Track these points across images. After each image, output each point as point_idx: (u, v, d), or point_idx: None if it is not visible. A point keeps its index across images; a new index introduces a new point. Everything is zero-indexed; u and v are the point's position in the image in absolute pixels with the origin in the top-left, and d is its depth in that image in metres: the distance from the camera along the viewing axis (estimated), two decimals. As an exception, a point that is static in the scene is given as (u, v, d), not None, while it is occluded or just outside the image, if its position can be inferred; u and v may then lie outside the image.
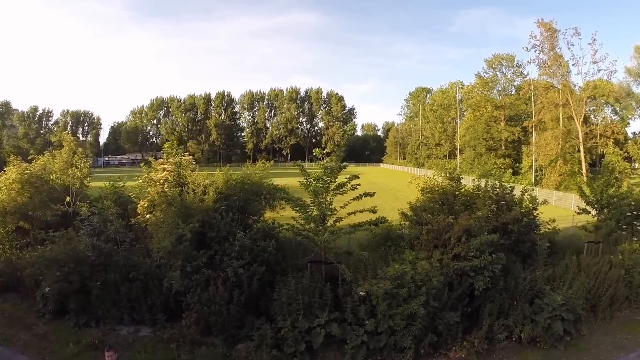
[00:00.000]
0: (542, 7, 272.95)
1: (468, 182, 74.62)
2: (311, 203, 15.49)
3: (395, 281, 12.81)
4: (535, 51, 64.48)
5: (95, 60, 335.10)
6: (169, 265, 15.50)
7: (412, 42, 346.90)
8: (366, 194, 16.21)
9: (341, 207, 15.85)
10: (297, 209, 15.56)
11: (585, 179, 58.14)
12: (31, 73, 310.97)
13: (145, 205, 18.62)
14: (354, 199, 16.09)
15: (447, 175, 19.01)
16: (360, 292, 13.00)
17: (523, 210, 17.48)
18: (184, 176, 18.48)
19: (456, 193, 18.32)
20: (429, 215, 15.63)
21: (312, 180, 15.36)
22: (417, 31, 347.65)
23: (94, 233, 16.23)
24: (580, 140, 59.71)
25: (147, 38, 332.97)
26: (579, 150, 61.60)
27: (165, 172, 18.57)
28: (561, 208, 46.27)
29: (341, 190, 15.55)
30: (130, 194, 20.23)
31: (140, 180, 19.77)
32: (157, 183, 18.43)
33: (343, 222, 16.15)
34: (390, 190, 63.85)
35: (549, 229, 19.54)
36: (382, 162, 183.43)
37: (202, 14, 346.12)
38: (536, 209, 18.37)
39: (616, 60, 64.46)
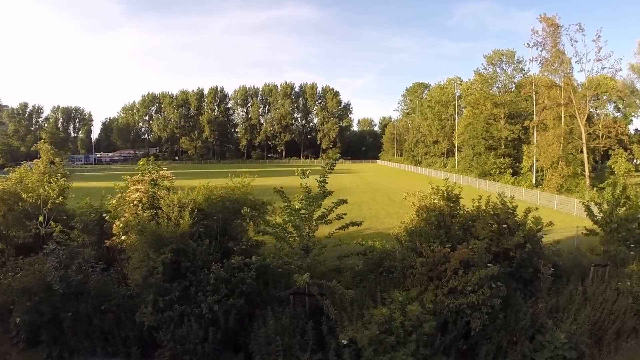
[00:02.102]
0: (540, 0, 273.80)
1: (466, 181, 73.60)
2: (294, 231, 14.46)
3: (382, 326, 11.87)
4: (537, 49, 63.44)
5: (86, 55, 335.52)
6: (142, 297, 14.61)
7: (409, 35, 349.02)
8: (352, 223, 15.24)
9: (326, 236, 14.84)
10: (278, 240, 14.53)
11: (588, 181, 57.29)
12: (21, 69, 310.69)
13: (121, 225, 17.61)
14: (339, 228, 15.10)
15: (445, 195, 17.87)
16: (343, 341, 12.03)
17: (526, 234, 16.38)
18: (159, 197, 17.33)
19: (454, 213, 17.26)
20: (424, 245, 14.62)
21: (292, 212, 14.23)
22: (414, 24, 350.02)
23: (59, 266, 15.24)
24: (584, 140, 58.47)
25: (139, 32, 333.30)
26: (581, 151, 60.59)
27: (139, 193, 17.49)
28: (563, 213, 45.44)
29: (324, 220, 14.39)
30: (104, 215, 19.07)
31: (114, 201, 18.64)
32: (131, 204, 17.40)
33: (329, 245, 15.27)
34: (386, 193, 62.76)
35: (553, 250, 18.61)
36: (379, 159, 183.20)
37: (196, 8, 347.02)
38: (540, 230, 17.31)
39: (621, 59, 63.19)
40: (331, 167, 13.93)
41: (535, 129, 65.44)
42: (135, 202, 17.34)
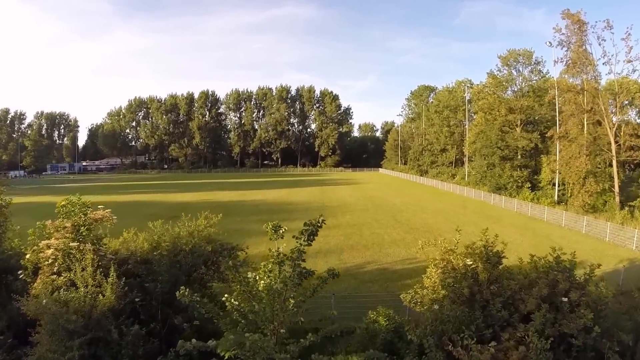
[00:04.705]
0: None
1: (479, 196, 69.13)
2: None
3: None
4: (562, 48, 59.04)
5: (73, 58, 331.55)
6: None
7: (414, 35, 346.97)
8: (346, 332, 10.81)
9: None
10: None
11: (617, 199, 52.96)
12: (2, 73, 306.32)
13: (39, 287, 13.36)
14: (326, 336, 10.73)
15: (483, 254, 13.10)
16: None
17: (592, 308, 11.93)
18: (80, 254, 12.82)
19: (492, 278, 12.63)
20: (457, 345, 10.25)
21: (251, 300, 9.82)
22: (418, 24, 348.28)
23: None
24: (613, 153, 54.13)
25: (131, 33, 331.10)
26: (610, 165, 56.51)
27: (52, 250, 13.11)
28: (593, 238, 41.20)
29: (298, 318, 9.98)
30: (20, 274, 14.66)
31: (28, 255, 14.27)
32: (46, 263, 13.13)
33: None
34: (390, 210, 58.37)
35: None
36: (381, 167, 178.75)
37: (192, 7, 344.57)
38: (607, 297, 12.86)
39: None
40: (310, 237, 9.62)
41: (558, 140, 60.85)
42: (50, 261, 13.09)
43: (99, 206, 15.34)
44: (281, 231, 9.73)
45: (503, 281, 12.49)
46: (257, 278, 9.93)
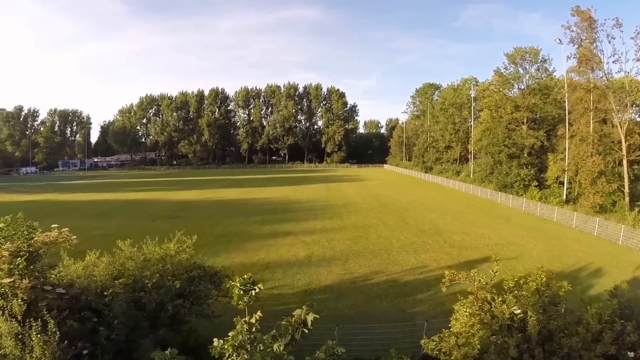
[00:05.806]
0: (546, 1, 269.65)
1: (485, 194, 66.37)
2: None
3: None
4: (573, 45, 55.90)
5: (87, 57, 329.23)
6: None
7: (415, 36, 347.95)
8: None
9: None
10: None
11: (627, 199, 50.06)
12: (18, 71, 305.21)
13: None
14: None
15: (538, 301, 10.12)
16: None
17: None
18: (4, 301, 9.84)
19: (544, 328, 9.47)
20: None
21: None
22: (420, 25, 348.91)
23: None
24: (624, 152, 51.24)
25: (144, 34, 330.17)
26: (620, 164, 53.62)
27: None
28: (605, 240, 38.36)
29: None
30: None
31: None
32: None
33: None
34: (396, 210, 55.34)
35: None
36: (386, 163, 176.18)
37: (202, 8, 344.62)
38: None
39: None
40: (291, 342, 6.44)
41: (570, 138, 57.66)
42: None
43: (53, 225, 12.42)
44: (254, 292, 6.66)
45: (560, 337, 9.33)
46: (226, 353, 6.72)
